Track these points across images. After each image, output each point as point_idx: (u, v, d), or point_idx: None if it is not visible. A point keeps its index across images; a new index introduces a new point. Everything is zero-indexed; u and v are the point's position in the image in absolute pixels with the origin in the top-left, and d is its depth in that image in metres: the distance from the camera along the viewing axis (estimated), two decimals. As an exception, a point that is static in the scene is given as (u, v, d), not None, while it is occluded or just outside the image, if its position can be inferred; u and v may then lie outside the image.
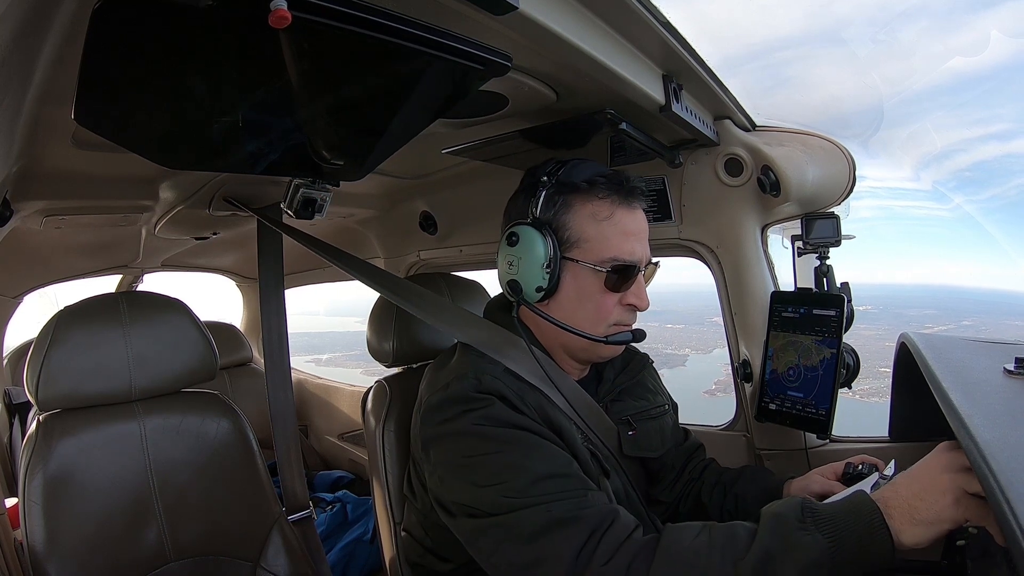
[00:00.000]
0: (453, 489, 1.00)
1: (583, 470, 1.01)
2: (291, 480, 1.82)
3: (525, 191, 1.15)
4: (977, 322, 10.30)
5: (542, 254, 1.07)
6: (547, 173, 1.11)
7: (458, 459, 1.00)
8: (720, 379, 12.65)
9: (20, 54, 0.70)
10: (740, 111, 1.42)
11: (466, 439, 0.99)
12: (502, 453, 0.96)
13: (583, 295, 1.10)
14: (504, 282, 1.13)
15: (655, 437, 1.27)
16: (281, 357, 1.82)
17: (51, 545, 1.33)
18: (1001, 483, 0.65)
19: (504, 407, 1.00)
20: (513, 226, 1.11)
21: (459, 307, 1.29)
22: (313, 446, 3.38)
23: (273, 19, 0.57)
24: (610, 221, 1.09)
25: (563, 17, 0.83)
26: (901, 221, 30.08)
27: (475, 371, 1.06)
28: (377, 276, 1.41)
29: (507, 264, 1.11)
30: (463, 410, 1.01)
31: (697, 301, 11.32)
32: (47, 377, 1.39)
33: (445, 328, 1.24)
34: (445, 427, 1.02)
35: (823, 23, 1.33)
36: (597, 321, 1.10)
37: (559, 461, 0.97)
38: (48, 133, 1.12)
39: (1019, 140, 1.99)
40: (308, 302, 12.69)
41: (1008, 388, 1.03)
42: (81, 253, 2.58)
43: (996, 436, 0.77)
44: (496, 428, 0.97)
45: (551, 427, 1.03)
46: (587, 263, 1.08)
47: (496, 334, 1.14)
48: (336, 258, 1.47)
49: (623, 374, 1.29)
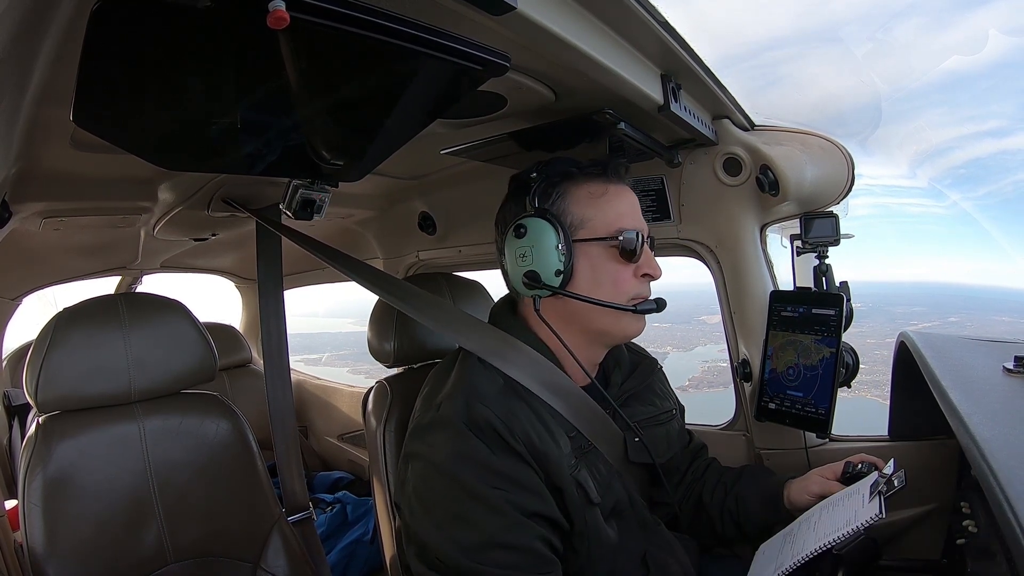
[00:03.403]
0: (415, 514, 1.00)
1: (565, 503, 1.01)
2: (291, 481, 1.82)
3: (515, 194, 1.16)
4: (964, 318, 10.35)
5: (554, 237, 1.07)
6: (534, 171, 1.13)
7: (427, 490, 1.00)
8: (695, 376, 12.75)
9: (18, 55, 0.70)
10: (739, 110, 1.42)
11: (439, 475, 0.98)
12: (468, 504, 0.95)
13: (598, 273, 1.10)
14: (518, 277, 1.11)
15: (662, 443, 1.26)
16: (280, 358, 1.82)
17: (51, 547, 1.33)
18: (1001, 481, 0.65)
19: (487, 450, 0.97)
20: (519, 220, 1.10)
21: (459, 310, 1.28)
22: (312, 447, 3.38)
23: (271, 20, 0.57)
24: (605, 198, 1.12)
25: (561, 17, 0.83)
26: (896, 218, 30.26)
27: (468, 393, 1.04)
28: (375, 277, 1.39)
29: (519, 257, 1.09)
30: (445, 440, 1.00)
31: (688, 300, 11.36)
32: (46, 379, 1.39)
33: (444, 332, 1.23)
34: (425, 452, 1.02)
35: (823, 22, 1.34)
36: (616, 295, 1.10)
37: (520, 532, 0.95)
38: (46, 134, 1.12)
39: (1013, 137, 2.00)
40: (309, 303, 12.68)
41: (1008, 387, 1.04)
42: (80, 254, 2.57)
43: (996, 434, 0.77)
44: (470, 475, 0.96)
45: (537, 458, 1.00)
46: (596, 239, 1.09)
47: (498, 339, 1.13)
48: (333, 259, 1.46)
49: (631, 379, 1.28)
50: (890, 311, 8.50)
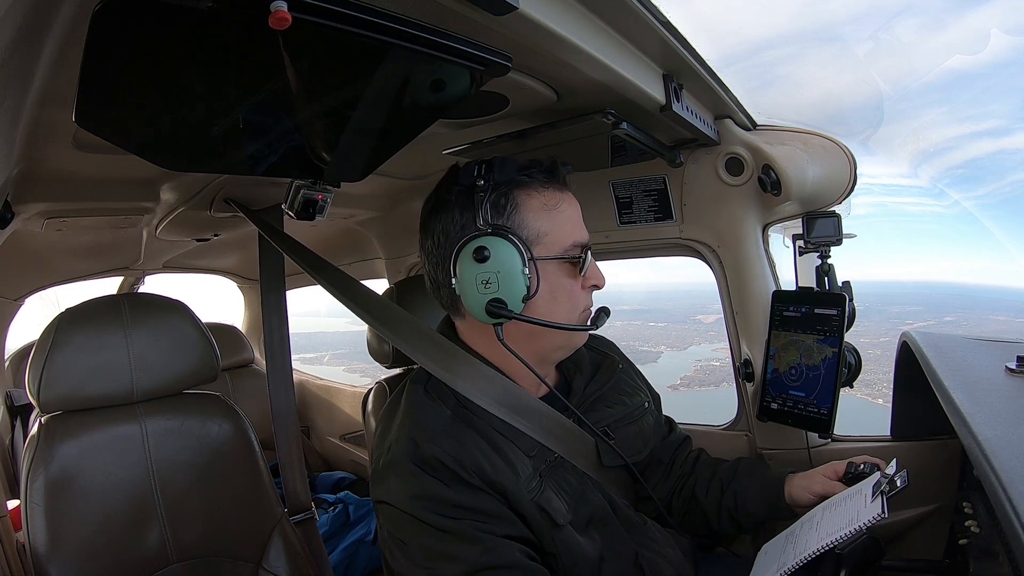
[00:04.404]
0: (395, 557, 0.99)
1: (530, 527, 0.99)
2: (293, 481, 1.82)
3: (459, 201, 1.05)
4: (959, 317, 10.36)
5: (519, 261, 1.00)
6: (479, 177, 1.04)
7: (400, 533, 0.98)
8: (687, 375, 12.81)
9: (20, 56, 0.70)
10: (741, 110, 1.42)
11: (404, 517, 0.97)
12: (441, 540, 0.94)
13: (556, 290, 1.06)
14: (480, 305, 1.01)
15: (636, 441, 1.23)
16: (283, 358, 1.82)
17: (53, 547, 1.34)
18: (1003, 481, 0.65)
19: (442, 486, 0.95)
20: (470, 240, 1.01)
21: (428, 329, 1.19)
22: (315, 447, 3.39)
23: (273, 20, 0.57)
24: (558, 209, 1.07)
25: (563, 17, 0.83)
26: (895, 218, 30.31)
27: (414, 431, 1.01)
28: (349, 290, 1.35)
29: (482, 283, 1.00)
30: (400, 483, 0.98)
31: (686, 300, 11.38)
32: (49, 379, 1.39)
33: (409, 353, 1.15)
34: (387, 497, 1.00)
35: (824, 20, 1.33)
36: (572, 311, 1.08)
37: (500, 552, 0.94)
38: (49, 135, 1.12)
39: (1012, 137, 2.00)
40: (309, 303, 12.69)
41: (1010, 386, 1.03)
42: (82, 255, 2.58)
43: (998, 434, 0.77)
44: (432, 513, 0.94)
45: (494, 487, 0.97)
46: (553, 256, 1.05)
47: (458, 360, 1.09)
48: (312, 267, 1.43)
49: (594, 382, 1.24)
50: (885, 310, 8.50)
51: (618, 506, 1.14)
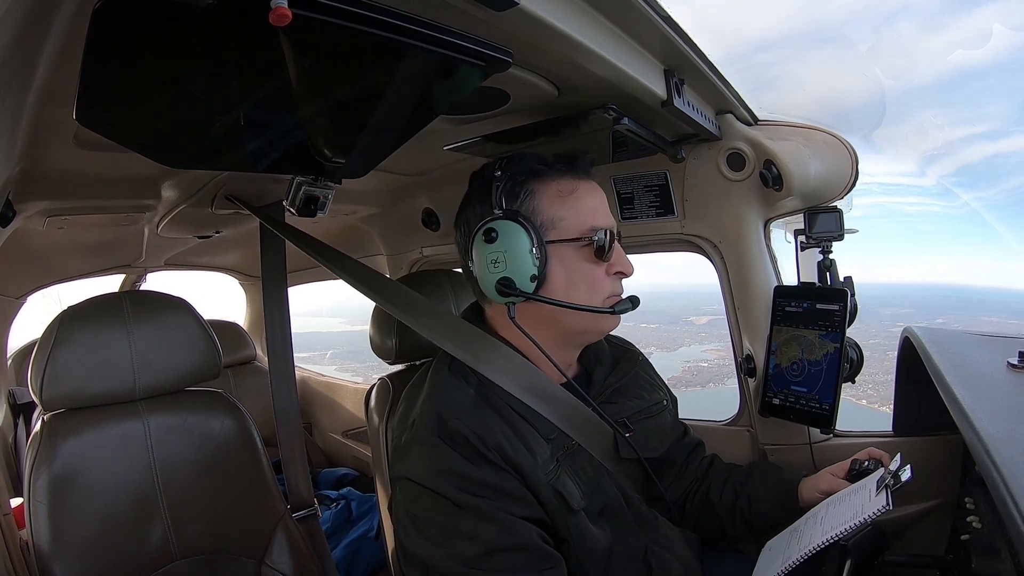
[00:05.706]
0: (409, 536, 0.99)
1: (546, 510, 0.99)
2: (295, 478, 1.83)
3: (479, 193, 1.11)
4: (950, 319, 10.37)
5: (527, 241, 1.03)
6: (498, 169, 1.08)
7: (417, 509, 0.99)
8: (675, 375, 12.86)
9: (21, 55, 0.70)
10: (742, 105, 1.42)
11: (425, 493, 0.97)
12: (459, 517, 0.94)
13: (573, 274, 1.07)
14: (491, 284, 1.05)
15: (654, 436, 1.24)
16: (285, 355, 1.83)
17: (56, 545, 1.34)
18: (1005, 477, 0.65)
19: (465, 461, 0.96)
20: (488, 223, 1.05)
21: (449, 314, 1.24)
22: (317, 443, 3.39)
23: (273, 17, 0.57)
24: (575, 195, 1.09)
25: (563, 12, 0.82)
26: (893, 217, 30.21)
27: (439, 408, 1.03)
28: (367, 279, 1.35)
29: (491, 263, 1.05)
30: (423, 457, 0.99)
31: (681, 301, 11.41)
32: (51, 377, 1.40)
33: (431, 338, 1.17)
34: (407, 472, 1.01)
35: (827, 16, 1.33)
36: (592, 296, 1.08)
37: (516, 532, 0.95)
38: (50, 133, 1.12)
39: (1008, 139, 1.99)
40: (310, 303, 12.71)
41: (1012, 382, 1.03)
42: (84, 253, 2.58)
43: (1000, 430, 0.77)
44: (454, 488, 0.95)
45: (513, 467, 0.98)
46: (569, 240, 1.07)
47: (481, 343, 1.11)
48: (328, 260, 1.43)
49: (614, 374, 1.26)
50: (878, 312, 8.54)
51: (631, 500, 1.15)
